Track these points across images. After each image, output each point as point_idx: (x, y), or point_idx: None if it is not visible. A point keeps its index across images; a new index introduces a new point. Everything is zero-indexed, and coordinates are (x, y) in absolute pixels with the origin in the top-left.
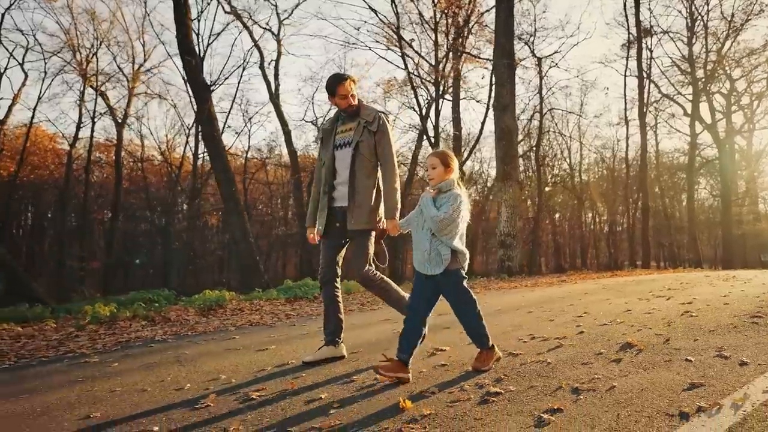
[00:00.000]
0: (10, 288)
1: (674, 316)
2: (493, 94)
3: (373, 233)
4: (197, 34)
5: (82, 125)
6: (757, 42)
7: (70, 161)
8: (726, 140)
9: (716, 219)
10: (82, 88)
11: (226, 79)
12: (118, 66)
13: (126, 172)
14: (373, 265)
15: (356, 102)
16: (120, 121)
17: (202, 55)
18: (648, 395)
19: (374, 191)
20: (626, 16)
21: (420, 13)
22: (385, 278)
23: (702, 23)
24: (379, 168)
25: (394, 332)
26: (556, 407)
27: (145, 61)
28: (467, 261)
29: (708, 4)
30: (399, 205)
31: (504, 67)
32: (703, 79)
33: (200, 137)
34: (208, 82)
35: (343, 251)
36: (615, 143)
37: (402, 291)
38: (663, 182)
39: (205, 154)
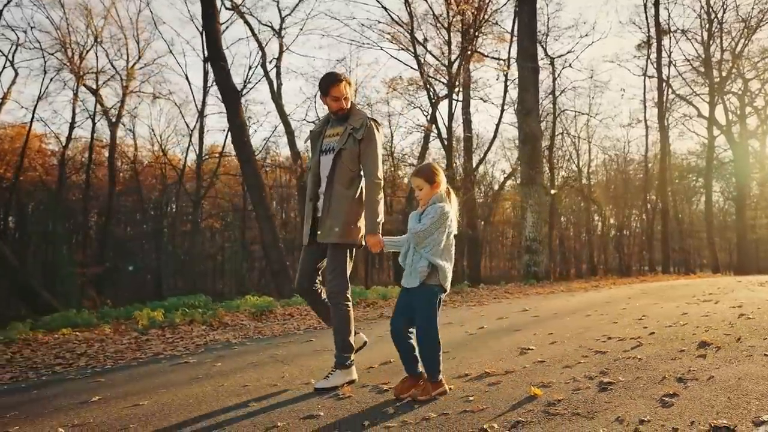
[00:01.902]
0: (21, 297)
1: (732, 318)
2: (507, 95)
3: (350, 249)
4: (201, 33)
5: (75, 125)
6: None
7: (63, 163)
8: (740, 143)
9: (726, 223)
10: (75, 87)
11: (255, 84)
12: (111, 63)
13: (119, 173)
14: (348, 291)
15: (348, 106)
16: (113, 120)
17: (206, 55)
18: (746, 383)
19: (353, 202)
20: (646, 16)
21: (433, 13)
22: (351, 312)
23: (718, 24)
24: (361, 178)
25: (466, 333)
26: (671, 392)
27: (139, 58)
28: (448, 278)
29: (724, 6)
30: (381, 219)
31: (528, 70)
32: (718, 80)
33: (220, 140)
34: (208, 83)
35: (323, 262)
36: (626, 145)
37: (353, 335)
38: (674, 185)
39: (208, 156)
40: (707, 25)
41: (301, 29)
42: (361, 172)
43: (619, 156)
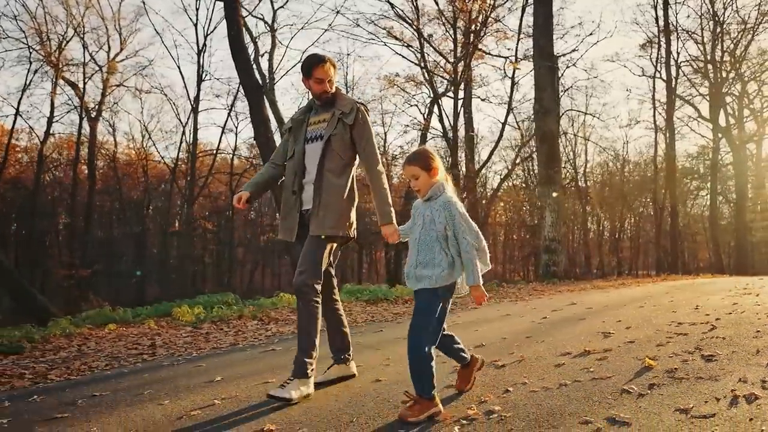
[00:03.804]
0: (15, 300)
1: None
2: (507, 94)
3: (332, 244)
4: (195, 25)
5: (54, 120)
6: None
7: (42, 160)
8: (739, 146)
9: (720, 225)
10: (54, 80)
11: (280, 78)
12: (91, 55)
13: (98, 171)
14: (319, 287)
15: (333, 90)
16: (93, 115)
17: (200, 47)
18: None
19: (345, 193)
20: (656, 17)
21: (439, 9)
22: (319, 310)
23: (719, 25)
24: (352, 166)
25: (532, 322)
26: None
27: (121, 49)
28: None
29: (725, 7)
30: (392, 208)
31: (545, 69)
32: (719, 80)
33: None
34: (202, 76)
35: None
36: (624, 145)
37: (318, 336)
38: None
39: (201, 155)
40: (712, 26)
41: (334, 24)
42: (354, 161)
43: (618, 156)
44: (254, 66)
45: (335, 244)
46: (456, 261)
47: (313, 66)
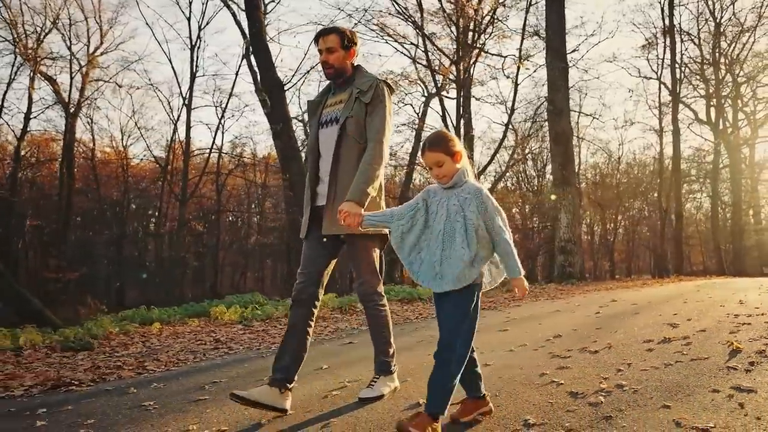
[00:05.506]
0: (8, 303)
1: None
2: (516, 94)
3: (378, 239)
4: (188, 19)
5: (31, 116)
6: (762, 45)
7: (19, 159)
8: (734, 148)
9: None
10: (31, 75)
11: (301, 77)
12: (70, 49)
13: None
14: (382, 289)
15: (346, 64)
16: (72, 111)
17: (194, 42)
18: None
19: None
20: (663, 16)
21: (442, 7)
22: (387, 313)
23: (716, 26)
24: None
25: (588, 316)
26: None
27: (101, 43)
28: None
29: (723, 9)
30: (372, 192)
31: (558, 70)
32: (714, 83)
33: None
34: (195, 72)
35: (331, 265)
36: (619, 147)
37: (391, 335)
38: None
39: (199, 153)
40: (712, 28)
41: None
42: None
43: (611, 158)
44: (246, 62)
45: (381, 240)
46: (478, 255)
47: (316, 39)
